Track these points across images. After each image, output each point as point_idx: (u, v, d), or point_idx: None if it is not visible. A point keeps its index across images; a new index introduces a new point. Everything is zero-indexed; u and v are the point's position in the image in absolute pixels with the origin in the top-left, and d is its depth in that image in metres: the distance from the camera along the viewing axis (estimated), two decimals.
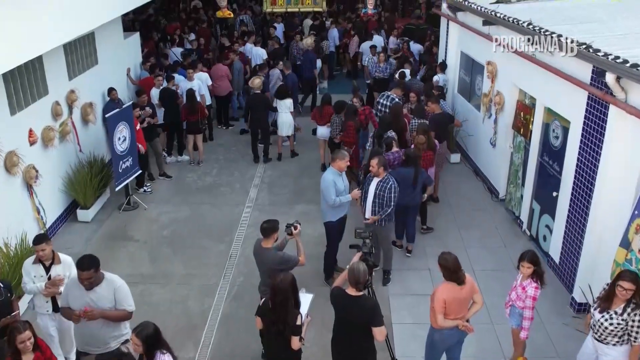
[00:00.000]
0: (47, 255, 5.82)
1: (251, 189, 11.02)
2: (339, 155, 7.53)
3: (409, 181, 8.28)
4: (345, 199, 7.55)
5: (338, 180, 7.51)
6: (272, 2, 13.58)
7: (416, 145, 8.94)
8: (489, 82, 10.47)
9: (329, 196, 7.43)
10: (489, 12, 9.57)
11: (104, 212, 10.07)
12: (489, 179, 10.78)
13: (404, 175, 8.27)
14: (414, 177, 8.28)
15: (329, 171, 7.56)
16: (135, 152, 10.13)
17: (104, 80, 11.24)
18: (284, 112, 11.95)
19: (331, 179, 7.45)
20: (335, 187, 7.45)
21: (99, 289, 5.26)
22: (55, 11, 7.88)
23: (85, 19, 9.07)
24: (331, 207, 7.59)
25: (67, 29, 8.44)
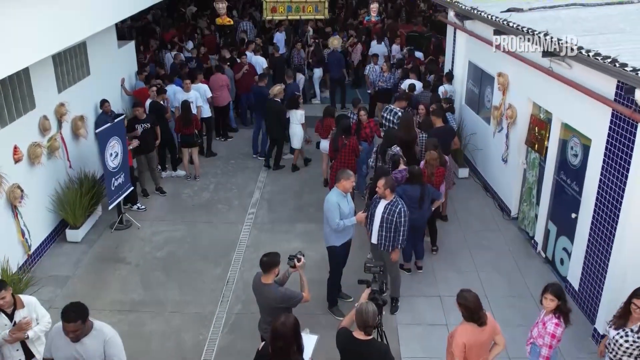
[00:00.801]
0: (7, 302, 5.23)
1: (250, 205, 10.50)
2: (344, 175, 7.02)
3: (415, 199, 7.79)
4: (350, 222, 7.04)
5: (343, 202, 7.00)
6: (272, 10, 13.09)
7: (428, 161, 8.42)
8: (499, 95, 9.97)
9: (333, 220, 6.92)
10: (500, 22, 9.07)
11: (95, 231, 9.55)
12: (500, 195, 10.27)
13: (410, 194, 7.78)
14: (420, 195, 7.78)
15: (333, 192, 7.05)
16: (127, 168, 9.63)
17: (97, 92, 10.74)
18: (294, 124, 11.44)
19: (335, 200, 6.93)
20: (339, 209, 6.94)
21: (87, 340, 4.66)
22: (43, 20, 7.41)
23: (76, 29, 8.59)
24: (335, 231, 7.07)
25: (56, 39, 7.97)
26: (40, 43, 7.47)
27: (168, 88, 12.08)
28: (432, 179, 8.37)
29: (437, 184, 8.47)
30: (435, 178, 8.42)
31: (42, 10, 7.35)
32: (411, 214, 7.65)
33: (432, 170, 8.37)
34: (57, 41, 8.10)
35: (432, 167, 8.36)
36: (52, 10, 7.65)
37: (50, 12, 7.59)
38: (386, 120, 10.53)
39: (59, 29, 7.95)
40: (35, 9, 7.15)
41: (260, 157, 12.42)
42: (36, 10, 7.17)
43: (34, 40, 7.23)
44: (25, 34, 6.89)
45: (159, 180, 10.95)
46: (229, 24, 13.47)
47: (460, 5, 11.23)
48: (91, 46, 10.56)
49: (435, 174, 8.41)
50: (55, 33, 7.87)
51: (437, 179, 8.48)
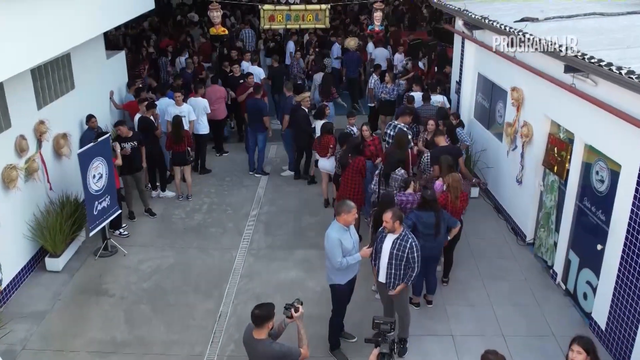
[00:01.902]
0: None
1: (245, 228, 9.79)
2: (344, 207, 6.28)
3: (429, 227, 7.08)
4: (354, 259, 6.31)
5: (345, 237, 6.27)
6: (270, 19, 12.42)
7: (451, 184, 7.68)
8: (513, 111, 9.28)
9: (335, 259, 6.20)
10: (516, 33, 8.37)
11: (77, 258, 8.84)
12: (514, 218, 9.56)
13: (425, 221, 7.08)
14: (435, 222, 7.07)
15: (334, 227, 6.31)
16: (114, 190, 8.93)
17: (82, 107, 10.05)
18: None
19: (336, 237, 6.21)
20: (341, 246, 6.22)
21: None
22: (20, 31, 6.76)
23: (57, 39, 7.95)
24: (338, 269, 6.35)
25: (35, 51, 7.31)
26: (17, 56, 6.83)
27: (160, 101, 11.38)
28: (456, 204, 7.65)
29: (461, 210, 7.75)
30: (459, 202, 7.70)
31: (19, 21, 6.70)
32: (425, 242, 6.98)
33: (457, 194, 7.63)
34: (36, 54, 7.45)
35: (456, 191, 7.63)
36: (30, 21, 6.99)
37: (28, 22, 6.94)
38: (388, 136, 9.82)
39: (38, 40, 7.31)
40: (10, 19, 6.49)
41: (257, 174, 11.72)
42: (11, 20, 6.52)
43: (9, 53, 6.57)
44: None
45: (149, 201, 10.25)
46: (224, 33, 12.79)
47: (469, 14, 10.54)
48: (76, 57, 9.87)
49: (459, 198, 7.69)
50: (34, 45, 7.23)
51: (462, 204, 7.77)
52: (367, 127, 9.58)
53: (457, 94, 12.33)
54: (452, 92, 12.84)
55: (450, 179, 7.69)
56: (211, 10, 12.47)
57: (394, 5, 23.73)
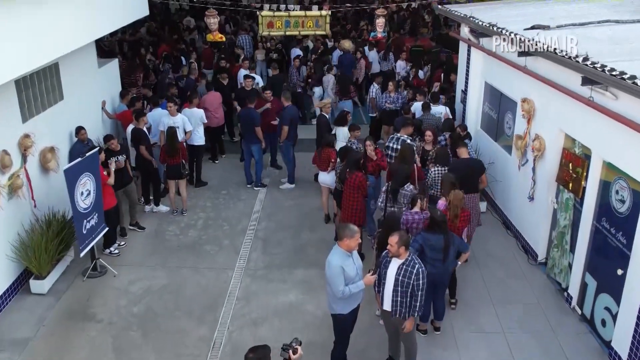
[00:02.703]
0: None
1: (242, 246, 9.32)
2: (347, 232, 5.83)
3: (438, 250, 6.62)
4: (357, 288, 5.85)
5: (347, 263, 5.82)
6: (269, 25, 11.97)
7: (452, 202, 7.23)
8: (524, 123, 8.82)
9: (336, 287, 5.74)
10: (527, 41, 7.92)
11: (65, 280, 8.37)
12: (524, 236, 9.10)
13: (433, 244, 6.62)
14: (444, 246, 6.61)
15: (335, 253, 5.86)
16: (100, 207, 8.46)
17: (72, 118, 9.60)
18: (341, 141, 10.36)
19: (338, 264, 5.75)
20: (344, 273, 5.76)
21: None
22: (1, 40, 6.30)
23: (44, 48, 7.51)
24: (341, 298, 5.89)
25: (19, 61, 6.89)
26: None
27: (153, 112, 10.93)
28: (455, 223, 7.20)
29: (460, 229, 7.30)
30: (459, 222, 7.24)
31: None
32: (433, 267, 6.54)
33: (457, 212, 7.18)
34: (21, 64, 7.01)
35: (456, 209, 7.18)
36: (13, 28, 6.57)
37: (11, 29, 6.52)
38: (392, 150, 9.34)
39: (23, 49, 6.89)
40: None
41: (256, 188, 11.26)
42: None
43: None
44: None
45: (136, 216, 9.78)
46: (221, 40, 12.34)
47: (476, 21, 10.10)
48: (65, 66, 9.43)
49: (459, 217, 7.23)
50: (18, 54, 6.80)
51: (461, 224, 7.31)
52: (370, 142, 9.08)
53: (462, 103, 11.89)
54: (457, 102, 12.40)
55: (452, 196, 7.24)
56: (208, 16, 12.00)
57: (395, 11, 23.32)
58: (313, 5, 18.68)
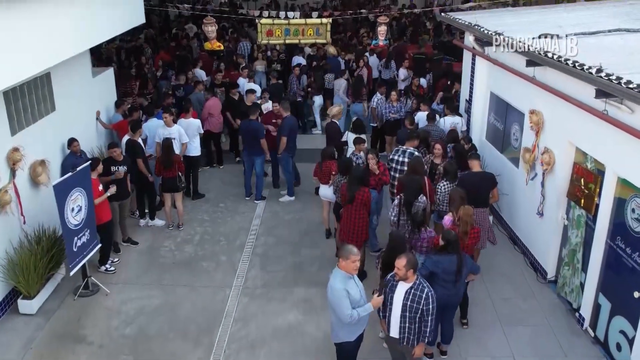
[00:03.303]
0: None
1: (240, 262, 8.99)
2: (344, 253, 5.51)
3: (451, 273, 6.28)
4: (365, 311, 5.53)
5: (350, 285, 5.51)
6: (268, 33, 11.68)
7: (462, 218, 6.90)
8: (532, 135, 8.51)
9: (343, 312, 5.41)
10: (536, 52, 7.63)
11: (55, 299, 8.03)
12: (532, 252, 8.77)
13: (445, 267, 6.27)
14: (457, 268, 6.27)
15: (337, 276, 5.55)
16: (93, 223, 8.13)
17: (64, 130, 9.28)
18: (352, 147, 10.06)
19: (342, 287, 5.43)
20: (349, 297, 5.44)
21: None
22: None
23: (34, 58, 7.21)
24: (347, 324, 5.56)
25: (7, 71, 6.56)
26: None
27: (148, 122, 10.62)
28: (465, 240, 6.87)
29: (469, 246, 6.97)
30: (468, 239, 6.92)
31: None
32: (444, 289, 6.21)
33: (466, 229, 6.85)
34: (9, 74, 6.68)
35: (466, 226, 6.85)
36: (2, 37, 6.25)
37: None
38: (396, 163, 9.01)
39: (12, 59, 6.57)
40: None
41: (256, 201, 10.93)
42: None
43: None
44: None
45: (127, 230, 9.46)
46: (219, 49, 12.05)
47: (481, 30, 9.80)
48: (57, 76, 9.13)
49: (469, 233, 6.90)
50: (6, 64, 6.47)
51: (471, 241, 6.98)
52: (373, 155, 8.75)
53: (467, 113, 11.58)
54: (462, 111, 12.07)
55: (462, 212, 6.90)
56: (206, 24, 11.76)
57: (395, 17, 23.05)
58: (313, 12, 18.47)
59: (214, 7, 24.83)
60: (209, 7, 23.44)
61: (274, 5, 27.27)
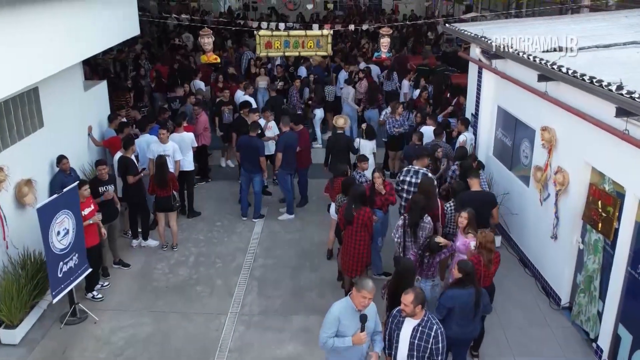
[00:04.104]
0: None
1: (237, 287, 8.54)
2: (360, 283, 5.12)
3: (469, 308, 5.82)
4: (342, 343, 5.12)
5: (348, 318, 5.12)
6: (267, 45, 11.29)
7: (483, 244, 6.46)
8: (544, 153, 8.09)
9: (320, 334, 5.15)
10: (549, 67, 7.22)
11: (40, 327, 7.57)
12: (545, 276, 8.32)
13: (462, 302, 5.80)
14: (474, 302, 5.82)
15: (342, 302, 5.23)
16: (82, 246, 7.70)
17: (53, 147, 8.87)
18: (367, 155, 9.93)
19: (336, 313, 5.14)
20: (338, 324, 5.11)
21: None
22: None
23: (20, 72, 6.82)
24: (331, 352, 5.24)
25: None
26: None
27: (141, 138, 10.21)
28: (490, 269, 6.45)
29: (493, 273, 6.56)
30: (493, 266, 6.50)
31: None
32: (459, 327, 5.78)
33: (490, 257, 6.42)
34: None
35: (490, 253, 6.42)
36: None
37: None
38: (408, 184, 8.53)
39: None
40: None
41: (254, 219, 10.49)
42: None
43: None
44: None
45: (118, 252, 9.02)
46: (215, 62, 11.65)
47: (488, 42, 9.41)
48: (46, 91, 8.73)
49: (493, 261, 6.48)
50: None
51: (495, 267, 6.59)
52: (379, 175, 8.31)
53: (473, 127, 11.16)
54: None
55: (484, 238, 6.46)
56: (202, 36, 11.36)
57: (397, 28, 22.69)
58: (314, 24, 18.12)
59: (213, 17, 24.58)
60: (207, 18, 23.17)
61: (274, 15, 27.01)
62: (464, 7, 25.53)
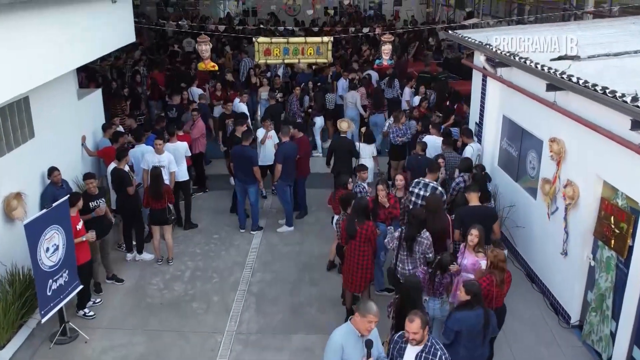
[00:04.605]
0: None
1: (234, 303, 8.24)
2: (363, 308, 4.83)
3: (477, 331, 5.53)
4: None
5: (351, 344, 4.82)
6: (265, 52, 11.00)
7: (495, 264, 6.15)
8: (552, 165, 7.80)
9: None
10: (559, 76, 6.94)
11: (28, 347, 7.26)
12: (553, 293, 8.02)
13: (470, 324, 5.52)
14: (483, 324, 5.52)
15: (343, 327, 4.93)
16: (73, 262, 7.40)
17: (44, 158, 8.61)
18: (367, 158, 10.47)
19: (338, 341, 4.83)
20: (342, 352, 4.79)
21: None
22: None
23: (8, 81, 6.54)
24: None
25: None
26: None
27: (136, 148, 9.93)
28: (502, 289, 6.16)
29: (503, 295, 6.27)
30: (505, 286, 6.22)
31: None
32: (469, 350, 5.49)
33: (503, 277, 6.13)
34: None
35: (502, 273, 6.13)
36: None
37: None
38: (415, 196, 8.23)
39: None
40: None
41: (252, 232, 10.19)
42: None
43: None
44: None
45: (112, 267, 8.72)
46: (213, 69, 11.37)
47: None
48: (37, 100, 8.46)
49: (505, 280, 6.19)
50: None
51: (507, 287, 6.30)
52: (383, 187, 8.01)
53: (477, 137, 10.87)
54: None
55: (495, 258, 6.15)
56: (200, 43, 11.07)
57: (397, 34, 22.44)
58: (313, 29, 17.88)
59: (212, 23, 24.33)
60: (205, 25, 22.91)
61: (274, 21, 26.77)
62: (464, 13, 25.31)
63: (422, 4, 30.63)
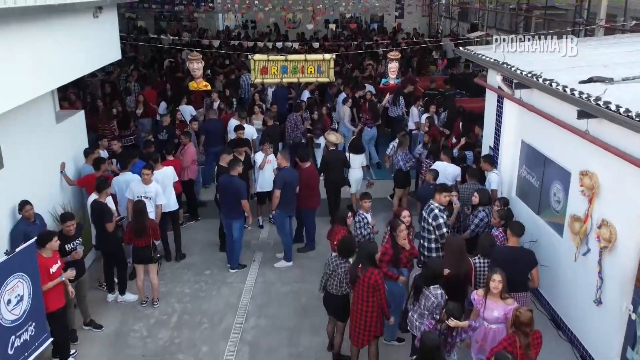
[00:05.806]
0: None
1: (225, 355, 7.34)
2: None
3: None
4: None
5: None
6: (262, 71, 10.21)
7: (522, 322, 5.32)
8: (583, 201, 6.93)
9: None
10: (593, 102, 6.09)
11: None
12: (584, 344, 7.12)
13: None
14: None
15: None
16: (40, 314, 6.52)
17: (15, 190, 7.70)
18: (356, 168, 10.58)
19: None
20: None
21: None
22: None
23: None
24: None
25: None
26: None
27: (120, 177, 9.08)
28: (529, 354, 5.29)
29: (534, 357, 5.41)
30: (533, 349, 5.36)
31: None
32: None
33: (528, 340, 5.27)
34: None
35: (527, 337, 5.27)
36: None
37: None
38: (428, 223, 7.40)
39: None
40: None
41: (232, 270, 9.27)
42: None
43: None
44: None
45: (89, 312, 7.84)
46: (206, 89, 10.55)
47: (512, 69, 8.32)
48: (7, 125, 7.56)
49: (532, 343, 5.33)
50: None
51: (536, 350, 5.45)
52: (404, 227, 7.02)
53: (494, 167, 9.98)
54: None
55: (517, 318, 5.29)
56: (191, 60, 10.28)
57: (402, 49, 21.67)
58: (314, 43, 17.08)
59: (210, 37, 23.59)
60: (205, 37, 22.17)
61: (277, 33, 26.09)
62: (468, 26, 24.58)
63: (425, 17, 29.95)
